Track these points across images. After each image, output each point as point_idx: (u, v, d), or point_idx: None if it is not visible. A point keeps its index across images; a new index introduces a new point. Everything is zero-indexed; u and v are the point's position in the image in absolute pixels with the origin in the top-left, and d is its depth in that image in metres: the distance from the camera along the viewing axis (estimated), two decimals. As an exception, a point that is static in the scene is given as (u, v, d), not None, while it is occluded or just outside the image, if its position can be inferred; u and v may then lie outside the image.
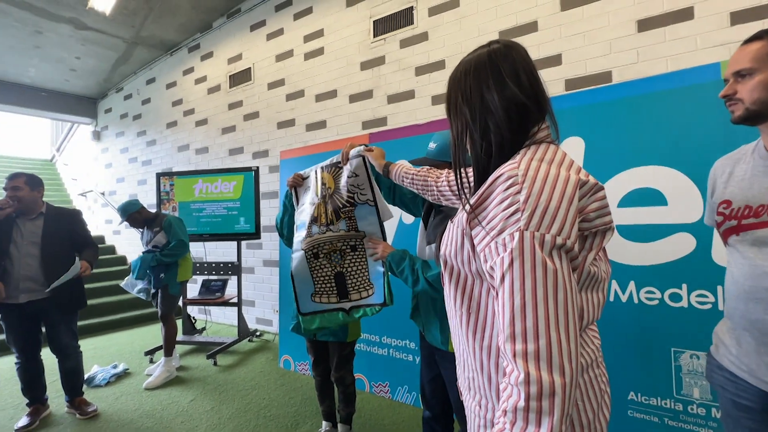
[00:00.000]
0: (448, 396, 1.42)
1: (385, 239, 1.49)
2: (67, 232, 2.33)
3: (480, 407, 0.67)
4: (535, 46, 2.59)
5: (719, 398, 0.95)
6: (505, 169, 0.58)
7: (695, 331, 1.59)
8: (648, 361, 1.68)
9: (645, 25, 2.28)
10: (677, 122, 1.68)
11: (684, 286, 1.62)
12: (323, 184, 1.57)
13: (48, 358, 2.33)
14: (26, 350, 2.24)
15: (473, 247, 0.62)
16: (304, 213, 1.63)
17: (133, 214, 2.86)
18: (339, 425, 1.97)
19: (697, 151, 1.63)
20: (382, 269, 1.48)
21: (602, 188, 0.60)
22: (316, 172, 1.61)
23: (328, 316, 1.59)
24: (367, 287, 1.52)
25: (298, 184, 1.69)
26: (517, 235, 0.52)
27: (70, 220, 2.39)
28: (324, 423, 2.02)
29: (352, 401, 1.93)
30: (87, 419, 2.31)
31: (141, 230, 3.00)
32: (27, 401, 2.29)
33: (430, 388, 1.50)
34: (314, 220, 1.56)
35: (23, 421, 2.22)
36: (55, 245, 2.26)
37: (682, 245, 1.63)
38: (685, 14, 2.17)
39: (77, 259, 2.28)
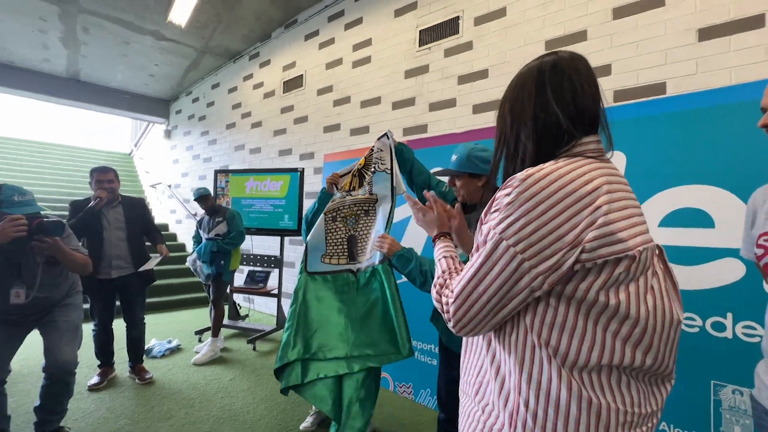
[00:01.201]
0: None
1: (392, 210, 1.57)
2: (141, 217, 2.73)
3: (483, 413, 0.67)
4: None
5: None
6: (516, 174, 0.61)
7: (740, 364, 1.48)
8: (685, 391, 1.59)
9: (707, 34, 2.13)
10: (734, 140, 1.57)
11: (729, 315, 1.51)
12: (357, 164, 1.80)
13: (116, 329, 2.69)
14: (104, 320, 2.61)
15: None
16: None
17: (207, 196, 3.26)
18: None
19: (753, 172, 1.51)
20: (383, 231, 1.58)
21: (609, 216, 0.56)
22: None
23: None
24: (372, 250, 1.64)
25: (335, 182, 1.84)
26: (490, 233, 0.60)
27: (141, 208, 2.78)
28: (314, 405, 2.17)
29: None
30: (144, 384, 2.63)
31: (201, 217, 3.35)
32: (98, 363, 2.67)
33: (446, 390, 1.54)
34: (339, 188, 1.77)
35: (94, 379, 2.59)
36: (136, 229, 2.67)
37: (729, 271, 1.52)
38: (754, 22, 2.00)
39: (163, 246, 2.80)
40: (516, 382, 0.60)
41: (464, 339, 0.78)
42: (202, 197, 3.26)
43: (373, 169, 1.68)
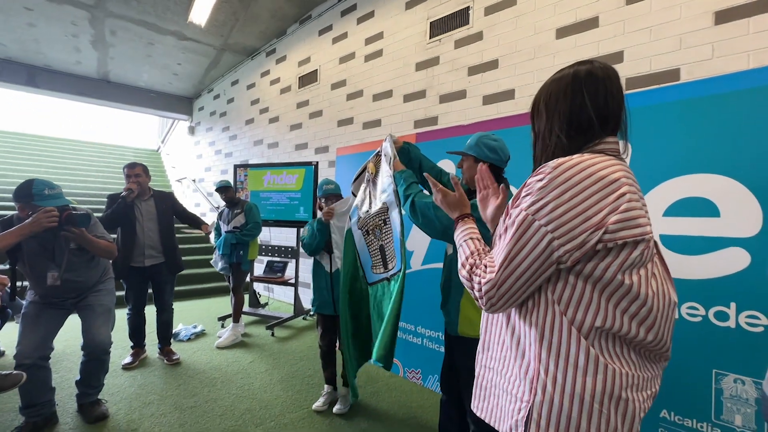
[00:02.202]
0: None
1: (401, 215, 1.61)
2: (171, 208, 2.94)
3: (507, 382, 0.74)
4: (594, 44, 2.48)
5: None
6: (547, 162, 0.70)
7: (742, 354, 1.47)
8: (686, 379, 1.59)
9: (724, 16, 2.06)
10: (750, 127, 1.53)
11: (732, 305, 1.51)
12: (368, 171, 1.83)
13: (147, 315, 2.91)
14: (137, 305, 2.84)
15: None
16: (357, 200, 1.91)
17: (228, 187, 3.46)
18: (340, 388, 2.33)
19: (762, 160, 1.48)
20: (399, 238, 1.62)
21: (630, 203, 0.63)
22: (366, 166, 1.89)
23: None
24: (393, 258, 1.70)
25: (331, 217, 2.11)
26: (522, 214, 0.67)
27: (171, 200, 2.99)
28: (326, 386, 2.34)
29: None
30: (171, 365, 2.84)
31: (222, 209, 3.54)
32: (131, 344, 2.89)
33: (448, 374, 1.63)
34: (362, 202, 1.84)
35: (128, 359, 2.82)
36: (167, 220, 2.88)
37: (734, 261, 1.51)
38: (775, 2, 1.92)
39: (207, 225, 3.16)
40: (536, 352, 0.69)
41: (484, 319, 0.85)
42: (223, 188, 3.44)
43: (382, 177, 1.72)
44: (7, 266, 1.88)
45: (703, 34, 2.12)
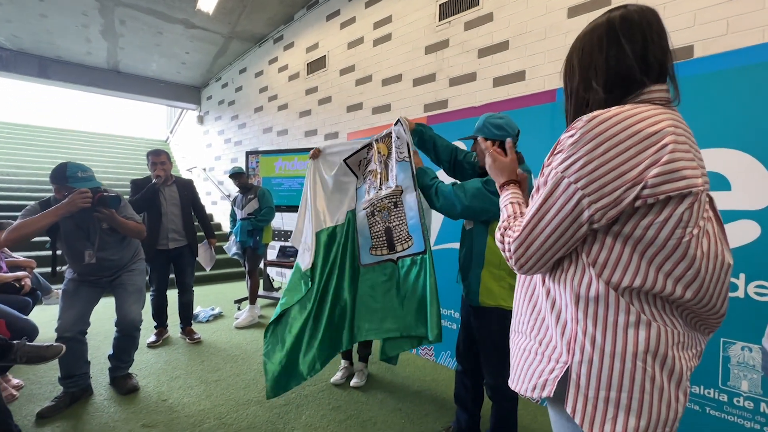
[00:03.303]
0: (478, 353, 1.60)
1: (420, 198, 1.67)
2: (191, 196, 3.06)
3: (540, 345, 0.73)
4: (606, 22, 2.46)
5: None
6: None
7: (750, 323, 1.52)
8: (694, 349, 1.65)
9: (740, -9, 2.04)
10: (757, 100, 1.55)
11: (742, 275, 1.55)
12: (379, 152, 1.87)
13: (169, 297, 3.02)
14: (161, 287, 2.96)
15: None
16: (366, 180, 1.94)
17: (241, 174, 3.55)
18: (357, 363, 2.44)
19: (774, 133, 1.50)
20: (419, 221, 1.68)
21: (674, 154, 0.58)
22: (372, 145, 1.89)
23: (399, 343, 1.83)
24: (407, 239, 1.76)
25: (316, 156, 2.06)
26: (552, 172, 0.65)
27: (191, 188, 3.10)
28: (342, 361, 2.48)
29: (369, 344, 2.41)
30: (193, 344, 2.97)
31: (235, 196, 3.60)
32: (155, 324, 3.02)
33: (465, 345, 1.70)
34: (372, 184, 1.86)
35: (152, 338, 2.95)
36: (189, 206, 3.01)
37: (745, 233, 1.54)
38: (792, -25, 1.90)
39: (206, 241, 3.21)
40: (573, 314, 0.66)
41: (519, 283, 0.83)
42: (236, 174, 3.53)
43: (395, 159, 1.74)
44: (48, 247, 1.99)
45: (717, 9, 2.10)
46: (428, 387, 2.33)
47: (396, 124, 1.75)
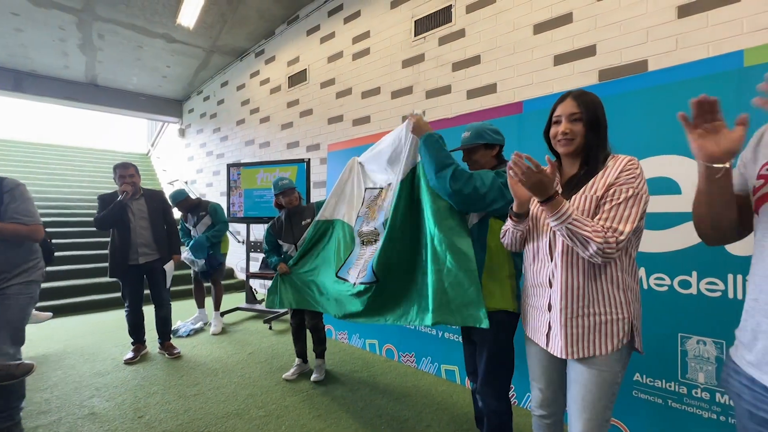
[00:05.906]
0: None
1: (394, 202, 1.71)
2: (161, 209, 2.99)
3: (613, 315, 1.08)
4: (569, 38, 2.62)
5: (735, 408, 0.80)
6: (622, 158, 1.09)
7: (703, 317, 1.62)
8: (655, 344, 1.73)
9: (686, 10, 2.21)
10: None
11: (694, 273, 1.65)
12: (381, 197, 1.97)
13: (146, 313, 2.98)
14: (134, 302, 2.89)
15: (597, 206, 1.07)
16: (363, 211, 2.06)
17: (181, 202, 3.52)
18: (315, 360, 2.60)
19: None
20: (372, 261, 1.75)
21: None
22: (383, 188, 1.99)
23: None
24: (363, 271, 1.85)
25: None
26: (635, 190, 1.03)
27: (161, 200, 3.03)
28: (297, 359, 2.67)
29: (323, 341, 2.60)
30: (173, 358, 2.92)
31: (186, 216, 3.64)
32: (132, 341, 2.96)
33: (471, 361, 1.66)
34: (366, 218, 2.00)
35: (129, 355, 2.88)
36: (159, 218, 2.95)
37: (694, 233, 1.64)
38: (730, -3, 2.08)
39: (171, 261, 3.00)
40: (627, 283, 1.09)
41: (575, 290, 1.10)
42: (179, 202, 3.48)
43: (385, 207, 1.84)
44: None
45: (668, 27, 2.27)
46: (409, 393, 2.36)
47: (405, 129, 1.69)
